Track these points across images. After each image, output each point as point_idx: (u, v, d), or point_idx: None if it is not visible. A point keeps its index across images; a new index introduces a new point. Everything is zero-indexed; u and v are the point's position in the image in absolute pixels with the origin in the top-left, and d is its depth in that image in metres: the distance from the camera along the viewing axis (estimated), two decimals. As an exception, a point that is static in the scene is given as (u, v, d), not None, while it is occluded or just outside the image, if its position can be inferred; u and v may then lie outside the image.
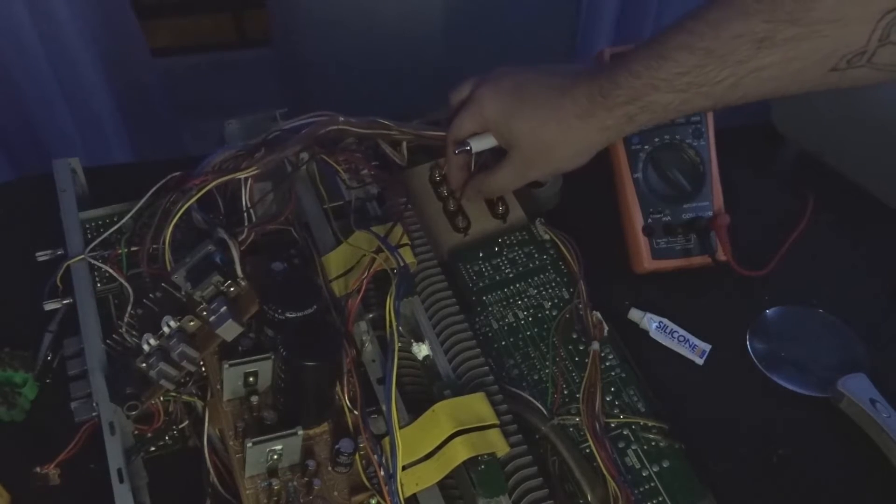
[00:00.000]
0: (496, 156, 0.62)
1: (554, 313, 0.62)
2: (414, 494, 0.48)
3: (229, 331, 0.51)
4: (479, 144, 0.61)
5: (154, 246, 0.56)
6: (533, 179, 0.64)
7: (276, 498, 0.48)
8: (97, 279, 0.59)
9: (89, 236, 0.61)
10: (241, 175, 0.57)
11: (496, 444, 0.49)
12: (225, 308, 0.50)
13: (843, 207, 0.77)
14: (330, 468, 0.50)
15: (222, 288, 0.52)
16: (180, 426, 0.54)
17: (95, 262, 0.58)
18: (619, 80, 0.52)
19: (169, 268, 0.54)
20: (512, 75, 0.59)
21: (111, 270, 0.57)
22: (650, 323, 0.63)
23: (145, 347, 0.50)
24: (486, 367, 0.55)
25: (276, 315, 0.50)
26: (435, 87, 0.67)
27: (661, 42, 0.50)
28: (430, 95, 0.69)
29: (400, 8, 1.04)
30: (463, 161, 0.63)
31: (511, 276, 0.64)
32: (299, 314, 0.50)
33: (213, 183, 0.56)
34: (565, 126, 0.55)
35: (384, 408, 0.50)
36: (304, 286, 0.53)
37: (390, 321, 0.52)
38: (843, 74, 0.47)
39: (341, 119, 0.61)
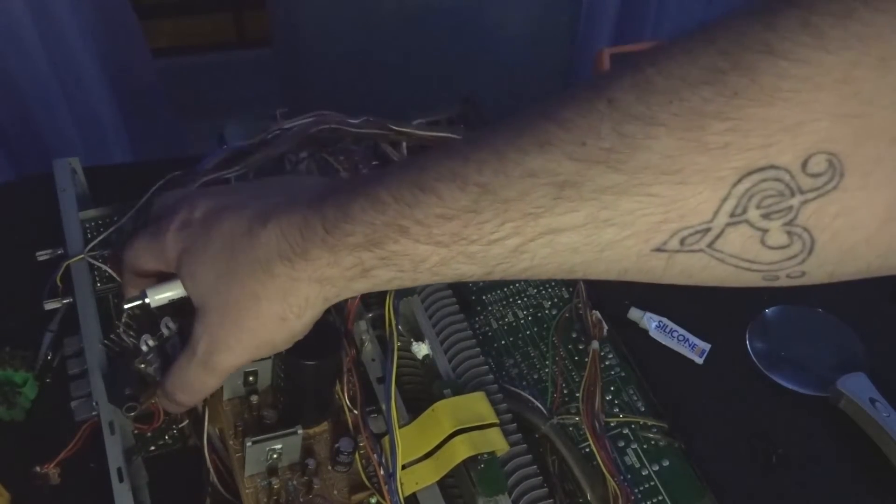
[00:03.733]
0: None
1: (553, 313, 0.62)
2: (414, 493, 0.48)
3: (229, 330, 0.50)
4: (159, 294, 0.45)
5: None
6: (227, 368, 0.42)
7: (275, 497, 0.48)
8: (97, 278, 0.59)
9: (89, 236, 0.61)
10: (228, 174, 0.57)
11: (496, 443, 0.49)
12: (225, 308, 0.50)
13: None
14: (330, 467, 0.50)
15: (222, 288, 0.52)
16: (180, 425, 0.54)
17: (95, 262, 0.58)
18: (352, 210, 0.35)
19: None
20: (214, 194, 0.44)
21: (110, 270, 0.57)
22: (650, 322, 0.63)
23: (143, 348, 0.50)
24: (486, 367, 0.55)
25: (276, 314, 0.50)
26: (435, 88, 0.67)
27: (423, 165, 0.35)
28: (430, 95, 0.69)
29: (400, 8, 1.04)
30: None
31: (511, 275, 0.64)
32: (299, 313, 0.50)
33: (199, 182, 0.56)
34: (264, 271, 0.38)
35: (384, 407, 0.50)
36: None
37: (390, 320, 0.52)
38: (671, 260, 0.32)
39: (335, 119, 0.61)
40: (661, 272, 0.33)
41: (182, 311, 0.52)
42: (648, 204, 0.30)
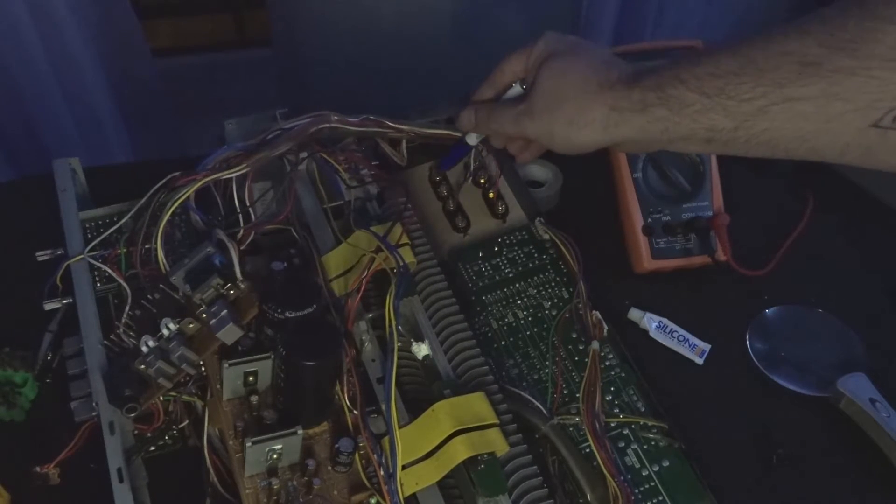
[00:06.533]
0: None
1: (554, 313, 0.62)
2: (414, 494, 0.48)
3: (230, 334, 0.50)
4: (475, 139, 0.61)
5: (146, 246, 0.56)
6: (526, 132, 0.55)
7: (275, 497, 0.48)
8: (97, 279, 0.59)
9: (89, 236, 0.61)
10: (227, 175, 0.56)
11: (496, 443, 0.49)
12: (226, 311, 0.50)
13: (843, 207, 0.77)
14: (330, 467, 0.50)
15: (222, 290, 0.52)
16: (180, 426, 0.54)
17: (95, 262, 0.58)
18: (656, 67, 0.49)
19: (162, 268, 0.54)
20: (583, 43, 0.56)
21: (110, 270, 0.57)
22: (650, 323, 0.63)
23: (144, 349, 0.50)
24: (486, 367, 0.55)
25: (276, 314, 0.50)
26: (435, 87, 0.67)
27: (716, 44, 0.47)
28: (430, 95, 0.69)
29: (400, 8, 1.04)
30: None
31: (511, 275, 0.64)
32: (299, 314, 0.50)
33: (200, 182, 0.56)
34: (585, 86, 0.51)
35: (384, 407, 0.50)
36: (303, 286, 0.53)
37: (390, 321, 0.52)
38: (884, 137, 0.42)
39: (334, 118, 0.61)
40: (878, 148, 0.42)
41: (182, 311, 0.52)
42: (870, 84, 0.40)
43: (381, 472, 0.48)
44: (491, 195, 0.68)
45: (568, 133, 0.52)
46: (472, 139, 0.62)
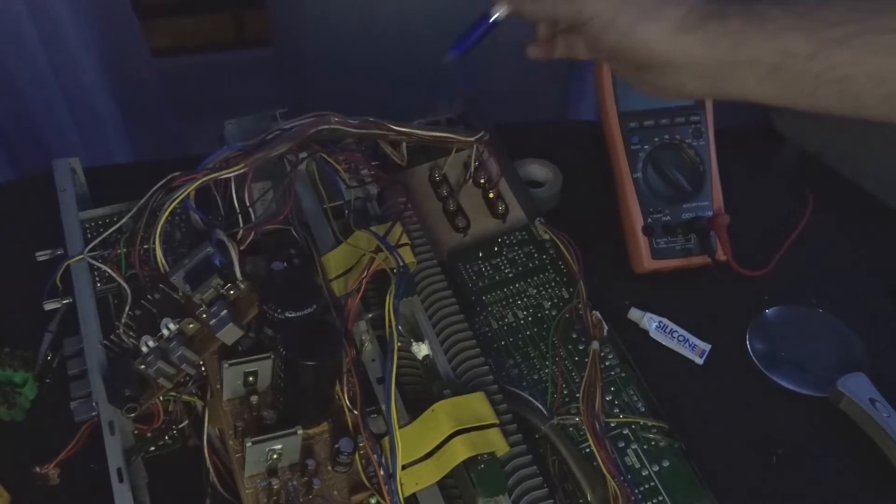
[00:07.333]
0: None
1: (553, 313, 0.62)
2: (413, 494, 0.48)
3: (229, 335, 0.51)
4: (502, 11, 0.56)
5: (146, 246, 0.56)
6: (582, 9, 0.49)
7: (275, 497, 0.48)
8: (97, 279, 0.59)
9: (89, 236, 0.61)
10: (226, 174, 0.56)
11: (496, 443, 0.49)
12: (225, 312, 0.50)
13: (843, 207, 0.77)
14: (330, 467, 0.50)
15: (222, 291, 0.52)
16: (180, 426, 0.54)
17: (95, 262, 0.58)
18: None
19: (161, 268, 0.54)
20: None
21: (110, 270, 0.57)
22: (650, 323, 0.63)
23: (144, 349, 0.50)
24: (486, 367, 0.55)
25: (276, 315, 0.51)
26: (435, 87, 0.67)
27: None
28: (430, 95, 0.69)
29: (400, 8, 1.04)
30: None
31: (511, 275, 0.64)
32: (299, 314, 0.50)
33: (199, 182, 0.56)
34: None
35: (384, 407, 0.50)
36: (303, 286, 0.53)
37: (390, 321, 0.52)
38: None
39: (334, 119, 0.61)
40: None
41: (182, 311, 0.52)
42: None
43: (381, 472, 0.48)
44: (491, 195, 0.68)
45: (634, 23, 0.46)
46: (499, 10, 0.55)
